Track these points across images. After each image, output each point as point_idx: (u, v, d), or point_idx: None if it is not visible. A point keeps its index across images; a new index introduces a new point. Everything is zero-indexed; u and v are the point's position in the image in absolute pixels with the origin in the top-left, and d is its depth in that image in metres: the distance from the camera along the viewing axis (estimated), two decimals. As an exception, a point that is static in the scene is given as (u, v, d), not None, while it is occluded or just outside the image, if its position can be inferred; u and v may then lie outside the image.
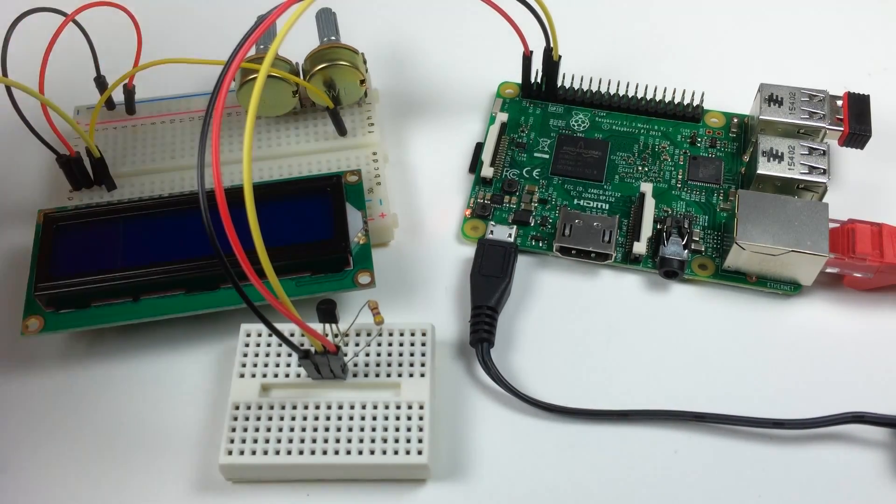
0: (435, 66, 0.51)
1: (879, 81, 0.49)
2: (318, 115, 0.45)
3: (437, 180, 0.45)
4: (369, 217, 0.41)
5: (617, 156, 0.45)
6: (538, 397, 0.37)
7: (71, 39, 0.40)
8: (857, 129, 0.42)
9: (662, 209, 0.43)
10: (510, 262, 0.40)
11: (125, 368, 0.39)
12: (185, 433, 0.37)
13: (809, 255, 0.38)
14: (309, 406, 0.35)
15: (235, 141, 0.45)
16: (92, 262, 0.38)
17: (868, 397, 0.37)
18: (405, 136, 0.47)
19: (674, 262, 0.40)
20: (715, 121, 0.46)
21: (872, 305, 0.40)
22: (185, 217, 0.39)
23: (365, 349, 0.37)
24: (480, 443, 0.36)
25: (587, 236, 0.41)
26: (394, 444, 0.34)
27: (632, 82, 0.47)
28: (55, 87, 0.41)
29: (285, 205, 0.40)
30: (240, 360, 0.36)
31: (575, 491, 0.35)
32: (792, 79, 0.46)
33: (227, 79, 0.28)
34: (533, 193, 0.44)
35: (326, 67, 0.43)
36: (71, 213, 0.40)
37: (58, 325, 0.37)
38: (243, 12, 0.46)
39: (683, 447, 0.36)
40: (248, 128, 0.27)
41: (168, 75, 0.43)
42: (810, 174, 0.41)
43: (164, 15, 0.54)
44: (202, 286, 0.38)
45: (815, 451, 0.36)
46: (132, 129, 0.45)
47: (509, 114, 0.47)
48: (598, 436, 0.37)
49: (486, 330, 0.38)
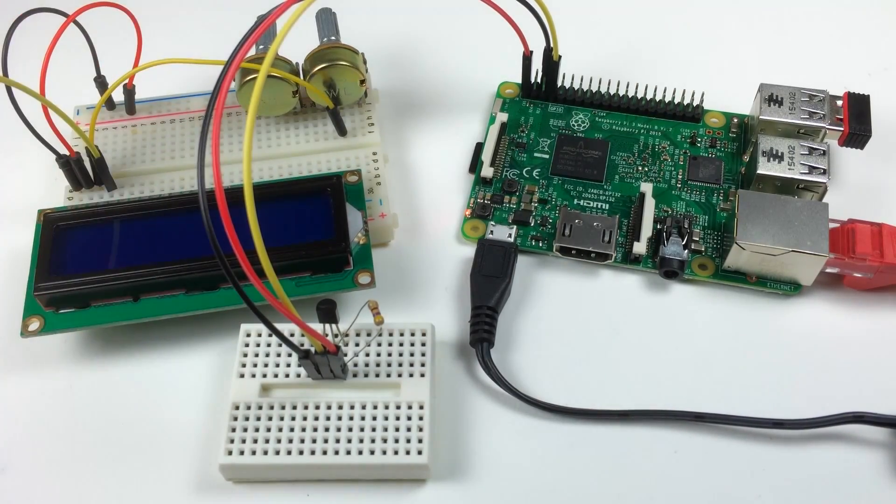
0: (435, 66, 0.51)
1: (879, 81, 0.49)
2: (318, 115, 0.45)
3: (437, 180, 0.45)
4: (369, 217, 0.41)
5: (617, 156, 0.45)
6: (538, 397, 0.37)
7: (71, 39, 0.40)
8: (857, 129, 0.42)
9: (662, 209, 0.43)
10: (510, 262, 0.40)
11: (125, 368, 0.39)
12: (185, 433, 0.37)
13: (809, 255, 0.38)
14: (309, 406, 0.35)
15: (235, 141, 0.45)
16: (92, 262, 0.38)
17: (868, 397, 0.37)
18: (405, 136, 0.47)
19: (674, 262, 0.40)
20: (715, 121, 0.46)
21: (872, 305, 0.40)
22: (185, 217, 0.39)
23: (365, 349, 0.37)
24: (480, 443, 0.36)
25: (587, 236, 0.41)
26: (394, 444, 0.34)
27: (632, 82, 0.47)
28: (55, 87, 0.41)
29: (285, 205, 0.40)
30: (240, 360, 0.36)
31: (575, 491, 0.35)
32: (792, 79, 0.46)
33: (227, 79, 0.28)
34: (533, 193, 0.44)
35: (326, 67, 0.43)
36: (71, 213, 0.40)
37: (58, 325, 0.37)
38: (243, 12, 0.46)
39: (683, 447, 0.36)
40: (249, 128, 0.27)
41: (168, 75, 0.43)
42: (810, 174, 0.41)
43: (164, 15, 0.54)
44: (202, 286, 0.38)
45: (815, 451, 0.36)
46: (132, 129, 0.45)
47: (509, 114, 0.47)
48: (598, 436, 0.37)
49: (486, 330, 0.38)
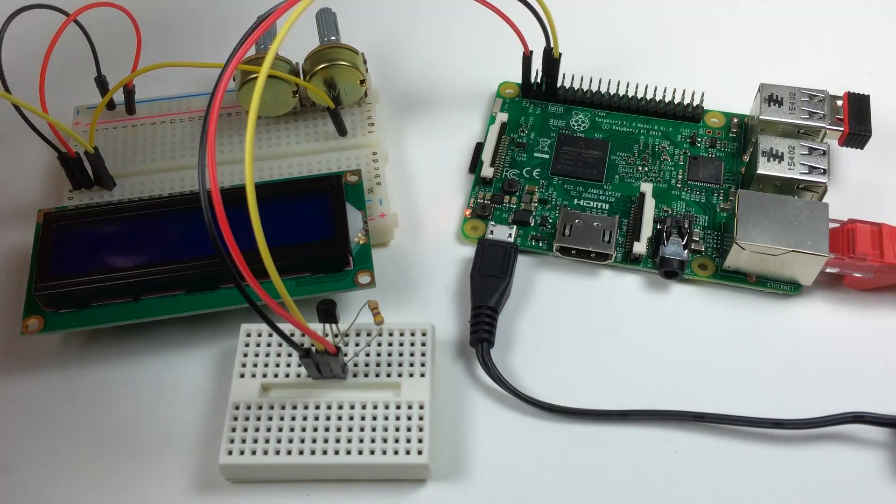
0: (435, 66, 0.51)
1: (879, 81, 0.49)
2: (318, 115, 0.45)
3: (437, 180, 0.45)
4: (369, 217, 0.41)
5: (617, 156, 0.45)
6: (538, 397, 0.37)
7: (71, 39, 0.40)
8: (857, 129, 0.42)
9: (662, 209, 0.43)
10: (510, 262, 0.40)
11: (125, 368, 0.39)
12: (185, 433, 0.37)
13: (809, 255, 0.38)
14: (309, 406, 0.35)
15: (236, 141, 0.45)
16: (92, 262, 0.38)
17: (868, 397, 0.37)
18: (405, 136, 0.47)
19: (674, 262, 0.40)
20: (715, 121, 0.46)
21: (872, 305, 0.40)
22: (184, 217, 0.39)
23: (365, 349, 0.37)
24: (480, 443, 0.36)
25: (587, 236, 0.41)
26: (394, 444, 0.34)
27: (632, 82, 0.47)
28: (55, 86, 0.41)
29: (285, 205, 0.40)
30: (240, 360, 0.36)
31: (575, 491, 0.35)
32: (792, 79, 0.46)
33: (227, 76, 0.28)
34: (533, 193, 0.44)
35: (326, 67, 0.43)
36: (71, 213, 0.40)
37: (58, 324, 0.37)
38: (243, 12, 0.46)
39: (683, 447, 0.36)
40: (250, 128, 0.27)
41: (168, 75, 0.43)
42: (810, 174, 0.41)
43: (164, 15, 0.54)
44: (202, 286, 0.38)
45: (815, 451, 0.36)
46: (132, 129, 0.45)
47: (509, 114, 0.47)
48: (598, 436, 0.37)
49: (486, 330, 0.38)
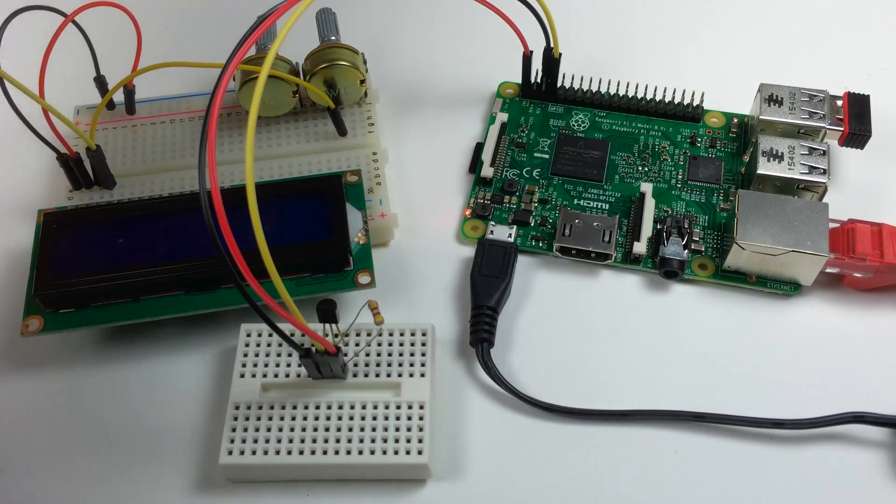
0: (435, 66, 0.51)
1: (879, 81, 0.49)
2: (318, 115, 0.45)
3: (438, 180, 0.45)
4: (369, 217, 0.41)
5: (617, 156, 0.45)
6: (538, 397, 0.37)
7: (71, 39, 0.40)
8: (857, 129, 0.42)
9: (662, 209, 0.43)
10: (510, 262, 0.40)
11: (125, 368, 0.39)
12: (186, 433, 0.37)
13: (809, 255, 0.38)
14: (309, 406, 0.35)
15: (236, 141, 0.45)
16: (92, 262, 0.38)
17: (868, 397, 0.37)
18: (405, 136, 0.47)
19: (674, 262, 0.40)
20: (715, 121, 0.46)
21: (872, 305, 0.40)
22: (184, 217, 0.39)
23: (365, 349, 0.37)
24: (481, 443, 0.36)
25: (587, 236, 0.41)
26: (394, 443, 0.34)
27: (632, 82, 0.47)
28: (55, 86, 0.41)
29: (285, 205, 0.40)
30: (240, 360, 0.36)
31: (575, 491, 0.35)
32: (792, 79, 0.46)
33: (227, 76, 0.28)
34: (533, 193, 0.44)
35: (326, 67, 0.43)
36: (71, 213, 0.40)
37: (58, 325, 0.37)
38: (243, 12, 0.46)
39: (683, 447, 0.36)
40: (250, 128, 0.27)
41: (168, 75, 0.43)
42: (810, 174, 0.41)
43: (164, 15, 0.54)
44: (202, 286, 0.38)
45: (815, 451, 0.36)
46: (132, 129, 0.45)
47: (509, 114, 0.47)
48: (598, 436, 0.37)
49: (486, 330, 0.38)
